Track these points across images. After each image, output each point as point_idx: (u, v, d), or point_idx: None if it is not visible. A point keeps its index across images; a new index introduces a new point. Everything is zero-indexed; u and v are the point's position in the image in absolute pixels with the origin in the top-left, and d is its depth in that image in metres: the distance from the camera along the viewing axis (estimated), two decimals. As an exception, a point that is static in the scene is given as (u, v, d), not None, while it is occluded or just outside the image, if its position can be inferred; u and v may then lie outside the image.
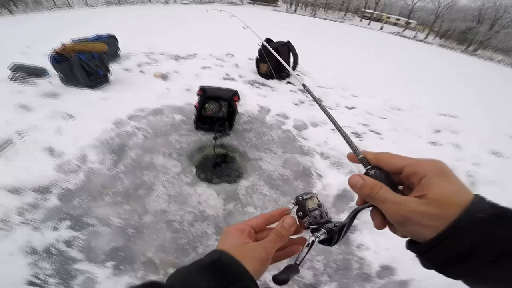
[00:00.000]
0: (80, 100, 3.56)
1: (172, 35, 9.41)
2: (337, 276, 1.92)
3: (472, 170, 3.52)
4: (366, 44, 16.79)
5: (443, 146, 4.11)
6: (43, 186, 2.26)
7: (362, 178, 0.38)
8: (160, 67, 5.28)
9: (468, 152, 3.99)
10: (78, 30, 9.73)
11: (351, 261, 2.01)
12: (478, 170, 3.53)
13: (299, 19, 33.04)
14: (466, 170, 3.51)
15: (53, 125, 3.01)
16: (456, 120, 5.19)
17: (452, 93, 7.72)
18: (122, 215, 2.08)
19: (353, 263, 2.01)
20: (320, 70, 6.54)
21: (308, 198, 0.43)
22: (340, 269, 1.96)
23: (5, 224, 1.93)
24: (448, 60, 17.60)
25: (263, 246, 0.41)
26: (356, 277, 1.94)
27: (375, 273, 1.98)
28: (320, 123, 3.93)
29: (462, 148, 4.11)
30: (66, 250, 1.83)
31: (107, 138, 2.87)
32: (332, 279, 1.90)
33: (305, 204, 0.43)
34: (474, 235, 0.29)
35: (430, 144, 4.10)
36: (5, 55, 5.63)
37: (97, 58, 3.94)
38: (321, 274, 1.91)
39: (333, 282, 1.89)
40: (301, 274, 1.90)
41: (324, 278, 1.90)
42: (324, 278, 1.90)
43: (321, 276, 1.91)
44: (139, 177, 2.44)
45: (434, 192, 0.33)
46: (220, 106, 3.07)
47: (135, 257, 1.82)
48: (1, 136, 2.76)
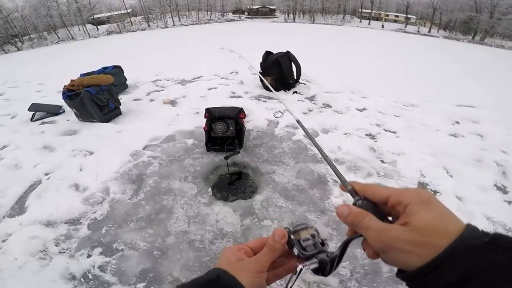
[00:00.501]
0: (96, 134, 3.81)
1: (176, 59, 9.87)
2: (366, 281, 1.88)
3: (502, 159, 3.37)
4: (369, 44, 16.77)
5: (465, 137, 3.97)
6: (73, 218, 2.44)
7: (349, 207, 0.39)
8: (168, 93, 5.54)
9: (493, 141, 3.82)
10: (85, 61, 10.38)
11: (379, 265, 1.96)
12: (508, 159, 3.38)
13: (298, 27, 33.62)
14: (494, 159, 3.35)
15: (75, 163, 3.24)
16: (475, 110, 5.01)
17: (467, 84, 7.51)
18: (147, 239, 2.18)
19: (382, 266, 1.96)
20: (325, 76, 6.56)
21: (299, 229, 0.44)
22: (368, 273, 1.92)
23: (45, 255, 2.11)
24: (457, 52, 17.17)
25: (256, 259, 0.43)
26: (388, 280, 1.88)
27: None
28: (331, 129, 3.94)
29: (486, 137, 3.95)
30: (100, 274, 1.95)
31: (126, 169, 3.04)
32: (361, 284, 1.87)
33: (290, 235, 0.44)
34: (469, 262, 0.28)
35: (451, 137, 3.97)
36: (22, 96, 6.17)
37: (105, 90, 4.17)
38: (348, 280, 1.89)
39: (362, 287, 1.86)
40: (327, 282, 1.89)
41: (352, 284, 1.87)
42: (352, 283, 1.87)
43: (348, 282, 1.88)
44: (159, 202, 2.55)
45: (417, 219, 0.33)
46: (227, 126, 3.16)
47: (163, 277, 1.90)
48: (31, 178, 3.03)
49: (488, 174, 3.09)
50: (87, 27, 44.81)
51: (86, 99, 3.90)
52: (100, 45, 21.98)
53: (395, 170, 3.08)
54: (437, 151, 3.47)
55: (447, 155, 3.39)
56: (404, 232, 0.33)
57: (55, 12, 41.51)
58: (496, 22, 35.25)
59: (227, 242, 2.13)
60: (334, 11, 55.53)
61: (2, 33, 35.93)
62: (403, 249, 0.32)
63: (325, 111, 4.66)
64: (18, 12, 38.44)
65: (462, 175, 3.02)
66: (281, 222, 2.31)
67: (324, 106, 4.86)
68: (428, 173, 3.04)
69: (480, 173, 3.09)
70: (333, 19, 53.27)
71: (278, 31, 25.18)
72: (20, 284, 1.89)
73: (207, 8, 55.84)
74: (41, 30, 41.09)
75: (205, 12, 55.92)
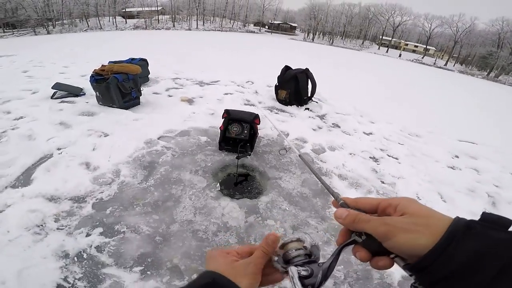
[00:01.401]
0: (114, 119, 3.90)
1: (197, 61, 10.11)
2: (358, 286, 1.94)
3: (493, 191, 3.57)
4: (384, 72, 17.09)
5: (462, 170, 4.13)
6: (79, 196, 2.45)
7: (347, 210, 0.40)
8: (186, 92, 5.71)
9: (488, 176, 4.03)
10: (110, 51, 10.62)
11: (371, 272, 2.02)
12: (499, 192, 3.57)
13: (316, 47, 34.27)
14: (486, 191, 3.55)
15: (90, 142, 3.30)
16: (476, 147, 5.20)
17: (472, 120, 7.69)
18: (151, 224, 2.21)
19: (373, 273, 2.02)
20: (338, 97, 6.73)
21: (288, 242, 0.44)
22: (360, 279, 1.98)
23: (41, 229, 2.07)
24: (469, 87, 17.46)
25: (252, 261, 0.43)
26: (378, 286, 1.95)
27: (397, 282, 1.99)
28: (338, 147, 4.03)
29: (482, 172, 4.14)
30: (96, 255, 1.93)
31: (139, 155, 3.11)
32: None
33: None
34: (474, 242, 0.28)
35: (449, 168, 4.11)
36: (46, 75, 6.34)
37: (131, 79, 4.31)
38: (342, 283, 1.94)
39: None
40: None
41: (345, 287, 1.93)
42: (345, 287, 1.93)
43: (341, 285, 1.93)
44: (168, 190, 2.61)
45: (411, 210, 0.35)
46: (242, 128, 3.26)
47: (162, 263, 1.92)
48: (43, 151, 3.06)
49: (479, 203, 3.28)
50: (117, 19, 46.01)
51: (112, 84, 4.04)
52: (126, 37, 22.57)
53: (393, 191, 3.23)
54: (434, 179, 3.62)
55: (443, 183, 3.56)
56: (404, 219, 0.34)
57: (92, 1, 42.75)
58: None
59: (230, 236, 2.17)
60: (354, 35, 56.21)
61: (40, 15, 36.89)
62: (409, 229, 0.33)
63: (334, 130, 4.77)
64: None
65: (455, 201, 3.20)
66: (283, 224, 2.36)
67: (334, 126, 4.96)
68: (423, 196, 3.20)
69: (472, 201, 3.27)
70: (351, 43, 53.90)
71: (296, 48, 25.78)
72: (5, 258, 1.81)
73: (231, 17, 57.29)
74: (75, 17, 42.14)
75: (228, 20, 57.33)
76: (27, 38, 26.26)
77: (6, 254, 1.85)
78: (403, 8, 49.86)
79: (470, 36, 43.26)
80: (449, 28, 45.32)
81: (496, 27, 40.15)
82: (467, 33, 43.36)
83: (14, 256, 1.84)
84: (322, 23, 54.33)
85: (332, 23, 53.56)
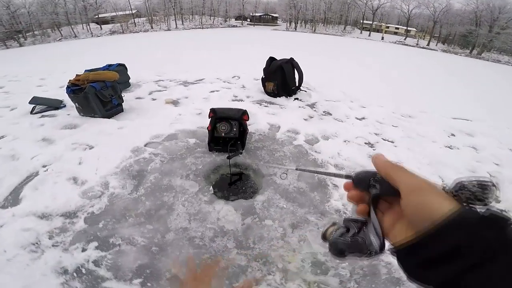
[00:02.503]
0: (97, 130, 3.77)
1: (179, 61, 9.96)
2: (365, 282, 1.90)
3: (495, 170, 3.54)
4: (369, 55, 17.11)
5: (460, 149, 4.12)
6: (69, 211, 2.38)
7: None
8: (171, 93, 5.56)
9: (487, 153, 4.00)
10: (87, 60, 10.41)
11: (378, 267, 1.98)
12: (500, 170, 3.55)
13: (299, 36, 34.13)
14: (488, 170, 3.51)
15: (75, 156, 3.19)
16: (471, 123, 5.20)
17: (462, 97, 7.74)
18: (146, 234, 2.15)
19: (380, 268, 1.98)
20: (326, 85, 6.69)
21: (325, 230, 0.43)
22: (367, 275, 1.94)
23: (36, 247, 2.04)
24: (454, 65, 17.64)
25: None
26: (386, 281, 1.91)
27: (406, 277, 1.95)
28: (331, 136, 3.98)
29: (480, 150, 4.12)
30: (95, 269, 1.90)
31: (127, 165, 3.00)
32: (360, 285, 1.88)
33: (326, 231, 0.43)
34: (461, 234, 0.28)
35: (447, 148, 4.10)
36: (22, 89, 6.15)
37: (110, 87, 4.17)
38: (348, 281, 1.89)
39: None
40: (327, 282, 1.89)
41: (352, 284, 1.88)
42: (352, 284, 1.88)
43: (348, 282, 1.89)
44: (160, 198, 2.53)
45: None
46: (231, 126, 3.17)
47: (161, 274, 1.87)
48: (28, 169, 2.96)
49: None
50: (91, 26, 44.85)
51: (90, 94, 3.90)
52: (103, 44, 22.08)
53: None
54: (433, 161, 3.58)
55: (442, 165, 3.52)
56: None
57: (61, 10, 41.50)
58: (494, 36, 36.09)
59: (228, 240, 2.11)
60: (335, 21, 56.09)
61: (7, 28, 35.78)
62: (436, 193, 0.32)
63: (326, 118, 4.72)
64: (25, 8, 38.30)
65: None
66: (282, 223, 2.31)
67: (325, 114, 4.91)
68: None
69: None
70: (334, 29, 53.92)
71: (280, 39, 25.57)
72: (6, 277, 1.82)
73: (211, 13, 56.35)
74: (45, 27, 41.00)
75: (208, 17, 56.40)
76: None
77: (6, 272, 1.86)
78: (380, -9, 49.85)
79: (448, 15, 43.93)
80: (427, 9, 45.93)
81: (471, 6, 40.86)
82: (444, 13, 44.00)
83: (15, 275, 1.85)
84: (302, 11, 53.89)
85: (312, 11, 53.13)
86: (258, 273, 1.91)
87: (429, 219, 0.30)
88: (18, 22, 37.48)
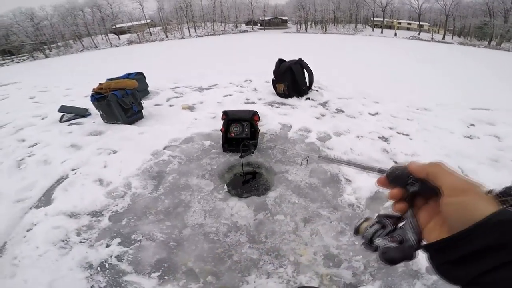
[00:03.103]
0: (120, 135, 4.01)
1: (194, 68, 10.25)
2: (381, 275, 1.89)
3: None
4: (382, 52, 16.75)
5: (481, 139, 3.95)
6: (95, 210, 2.58)
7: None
8: (187, 99, 5.77)
9: (510, 141, 3.80)
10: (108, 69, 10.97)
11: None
12: None
13: (311, 37, 33.92)
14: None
15: (100, 160, 3.41)
16: (491, 113, 4.96)
17: (481, 87, 7.41)
18: (164, 231, 2.29)
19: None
20: (338, 83, 6.65)
21: (358, 226, 0.44)
22: (382, 267, 1.93)
23: (65, 244, 2.22)
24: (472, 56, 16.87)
25: None
26: (403, 274, 1.89)
27: (424, 269, 1.89)
28: (343, 132, 3.98)
29: (503, 138, 3.93)
30: (117, 264, 2.04)
31: (147, 167, 3.19)
32: (375, 278, 1.88)
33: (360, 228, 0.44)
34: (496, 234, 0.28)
35: (467, 139, 3.96)
36: (51, 99, 6.67)
37: (130, 94, 4.40)
38: (362, 274, 1.90)
39: (376, 281, 1.87)
40: (340, 274, 1.91)
41: (366, 277, 1.88)
42: (366, 277, 1.89)
43: (362, 275, 1.90)
44: (177, 197, 2.68)
45: None
46: (243, 127, 3.29)
47: (177, 267, 1.99)
48: (59, 173, 3.23)
49: (505, 173, 3.07)
50: (109, 36, 46.96)
51: (113, 101, 4.16)
52: (122, 54, 23.04)
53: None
54: (452, 152, 3.46)
55: (462, 156, 3.38)
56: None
57: (81, 21, 43.90)
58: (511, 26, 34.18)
59: (241, 235, 2.21)
60: (346, 20, 55.36)
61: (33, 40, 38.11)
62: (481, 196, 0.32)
63: (338, 116, 4.72)
64: (48, 20, 40.80)
65: (478, 174, 3.01)
66: (294, 217, 2.37)
67: (337, 111, 4.91)
68: (442, 172, 3.07)
69: (497, 172, 3.08)
70: (345, 28, 53.13)
71: (291, 41, 25.57)
72: (37, 271, 1.97)
73: (222, 20, 57.32)
74: (67, 38, 43.48)
75: (220, 23, 57.34)
76: (26, 64, 27.46)
77: (37, 267, 2.01)
78: (386, -13, 48.77)
79: (459, 8, 42.61)
80: (436, 3, 44.71)
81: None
82: (455, 6, 42.69)
83: (44, 269, 1.99)
84: (311, 13, 53.59)
85: (321, 11, 52.88)
86: (270, 266, 1.99)
87: (470, 220, 0.30)
88: (42, 34, 40.21)
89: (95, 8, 45.65)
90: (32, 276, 1.96)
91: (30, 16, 38.46)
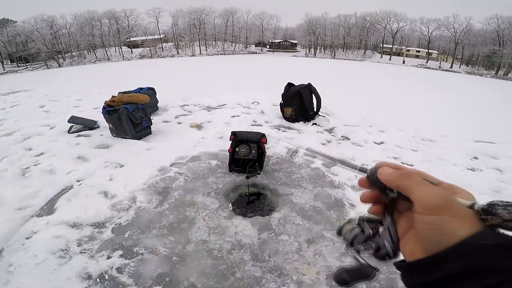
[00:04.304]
0: (127, 150, 4.09)
1: (203, 87, 10.48)
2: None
3: None
4: (389, 80, 17.08)
5: (484, 171, 3.99)
6: (99, 222, 2.58)
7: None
8: (195, 118, 5.93)
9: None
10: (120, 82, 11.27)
11: (396, 280, 1.95)
12: None
13: (318, 62, 34.80)
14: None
15: (106, 173, 3.47)
16: (495, 146, 5.03)
17: (486, 120, 7.47)
18: (168, 245, 2.28)
19: (398, 281, 1.95)
20: (345, 110, 6.79)
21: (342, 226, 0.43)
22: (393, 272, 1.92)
23: (65, 253, 2.20)
24: (477, 87, 17.21)
25: None
26: None
27: None
28: (349, 160, 4.02)
29: (505, 171, 3.98)
30: (117, 276, 2.02)
31: (153, 182, 3.23)
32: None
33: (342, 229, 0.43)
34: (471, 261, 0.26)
35: (469, 171, 4.00)
36: (61, 109, 6.81)
37: (141, 109, 4.52)
38: None
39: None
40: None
41: None
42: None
43: None
44: (182, 212, 2.69)
45: None
46: (250, 149, 3.35)
47: (179, 282, 1.96)
48: (64, 183, 3.26)
49: None
50: (123, 49, 48.48)
51: (123, 115, 4.27)
52: (133, 67, 23.78)
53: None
54: (454, 183, 3.38)
55: (464, 186, 3.28)
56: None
57: (97, 32, 45.48)
58: None
59: (244, 253, 2.20)
60: (355, 46, 56.30)
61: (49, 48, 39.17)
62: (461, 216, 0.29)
63: (344, 143, 4.79)
64: (66, 29, 42.34)
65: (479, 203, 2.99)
66: (297, 238, 2.36)
67: (343, 138, 4.99)
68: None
69: None
70: (354, 54, 54.02)
71: (299, 65, 26.34)
72: (34, 280, 1.94)
73: (232, 40, 59.16)
74: (82, 48, 44.85)
75: (230, 43, 59.20)
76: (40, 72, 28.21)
77: (34, 275, 1.99)
78: (397, 14, 50.15)
79: (469, 36, 43.19)
80: (447, 30, 45.47)
81: (492, 26, 40.01)
82: (465, 34, 43.35)
83: (41, 278, 1.97)
84: (321, 37, 54.93)
85: (331, 36, 54.09)
86: (273, 284, 1.96)
87: (444, 243, 0.28)
88: (59, 42, 41.42)
89: (112, 20, 47.60)
90: (27, 284, 1.93)
91: (50, 24, 39.94)
